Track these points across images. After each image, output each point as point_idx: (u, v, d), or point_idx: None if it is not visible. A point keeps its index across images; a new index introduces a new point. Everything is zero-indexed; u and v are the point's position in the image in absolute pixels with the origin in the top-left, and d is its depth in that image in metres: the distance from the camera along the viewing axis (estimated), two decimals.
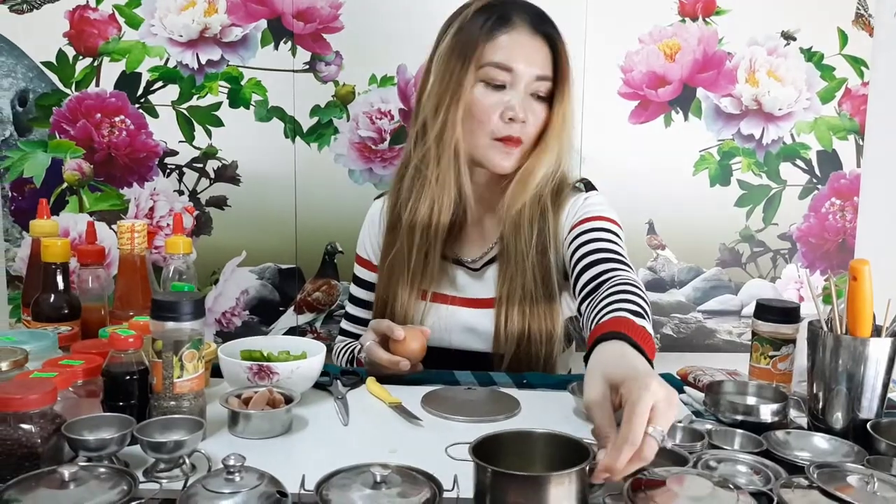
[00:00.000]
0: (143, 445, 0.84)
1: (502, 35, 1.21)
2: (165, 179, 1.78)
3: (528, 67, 1.22)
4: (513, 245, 1.26)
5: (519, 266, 1.26)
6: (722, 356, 1.83)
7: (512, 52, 1.21)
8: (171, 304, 0.94)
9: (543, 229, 1.26)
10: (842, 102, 1.83)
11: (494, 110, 1.22)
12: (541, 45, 1.23)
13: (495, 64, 1.21)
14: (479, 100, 1.22)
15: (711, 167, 1.84)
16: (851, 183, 1.86)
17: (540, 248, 1.26)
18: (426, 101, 1.26)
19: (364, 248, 1.43)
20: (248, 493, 0.72)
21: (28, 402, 0.82)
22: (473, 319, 1.31)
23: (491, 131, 1.23)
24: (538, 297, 1.26)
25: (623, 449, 0.71)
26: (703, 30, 1.79)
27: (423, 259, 1.29)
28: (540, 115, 1.24)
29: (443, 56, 1.24)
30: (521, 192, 1.25)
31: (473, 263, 1.33)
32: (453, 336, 1.32)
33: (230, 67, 1.75)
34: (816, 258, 1.89)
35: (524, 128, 1.23)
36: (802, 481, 0.80)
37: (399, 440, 0.97)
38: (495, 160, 1.24)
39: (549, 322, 1.27)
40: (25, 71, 1.72)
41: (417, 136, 1.28)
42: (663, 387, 0.75)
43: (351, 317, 1.46)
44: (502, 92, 1.22)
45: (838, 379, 0.97)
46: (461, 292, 1.32)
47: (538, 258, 1.26)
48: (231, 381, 1.08)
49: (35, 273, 1.24)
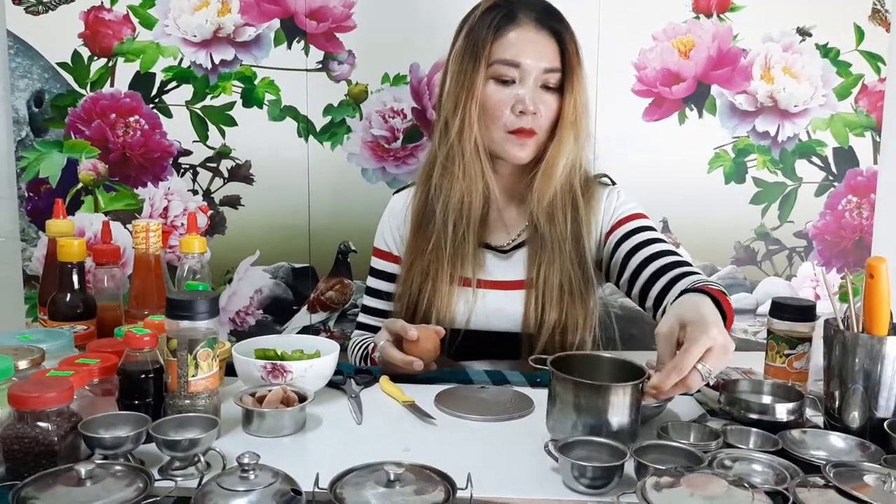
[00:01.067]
0: (159, 443, 0.85)
1: (509, 32, 1.27)
2: (179, 179, 1.79)
3: (536, 62, 1.27)
4: (548, 234, 1.32)
5: (556, 252, 1.31)
6: (737, 355, 1.80)
7: (519, 48, 1.27)
8: (186, 304, 0.95)
9: (577, 218, 1.32)
10: (858, 99, 1.81)
11: (506, 105, 1.28)
12: (547, 39, 1.28)
13: (503, 61, 1.27)
14: (491, 96, 1.28)
15: (726, 165, 1.83)
16: (868, 180, 1.84)
17: (574, 236, 1.32)
18: (446, 101, 1.32)
19: (384, 241, 1.45)
20: (262, 490, 0.72)
21: (45, 401, 0.83)
22: (503, 301, 1.34)
23: (504, 125, 1.29)
24: (576, 285, 1.31)
25: (671, 374, 0.88)
26: (718, 26, 1.78)
27: (461, 246, 1.33)
28: (552, 105, 1.29)
29: (456, 56, 1.31)
30: (548, 183, 1.31)
31: (502, 247, 1.38)
32: (484, 318, 1.35)
33: (243, 67, 1.75)
34: (833, 256, 1.87)
35: (536, 119, 1.28)
36: (818, 480, 0.79)
37: (412, 439, 0.97)
38: (511, 152, 1.30)
39: (584, 310, 1.32)
40: (41, 72, 1.74)
41: (441, 134, 1.34)
42: (722, 334, 0.90)
43: (369, 309, 1.47)
44: (512, 87, 1.28)
45: (855, 378, 0.96)
46: (490, 275, 1.36)
47: (573, 245, 1.32)
48: (245, 379, 1.08)
49: (51, 272, 1.25)
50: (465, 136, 1.30)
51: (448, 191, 1.33)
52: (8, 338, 1.07)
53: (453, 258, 1.34)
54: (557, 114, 1.30)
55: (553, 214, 1.32)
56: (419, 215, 1.39)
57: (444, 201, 1.33)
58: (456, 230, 1.33)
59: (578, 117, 1.30)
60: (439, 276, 1.34)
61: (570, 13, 1.31)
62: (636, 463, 0.82)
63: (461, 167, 1.31)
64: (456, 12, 1.38)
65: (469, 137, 1.30)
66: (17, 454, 0.82)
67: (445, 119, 1.33)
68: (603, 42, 1.49)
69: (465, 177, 1.32)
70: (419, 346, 1.18)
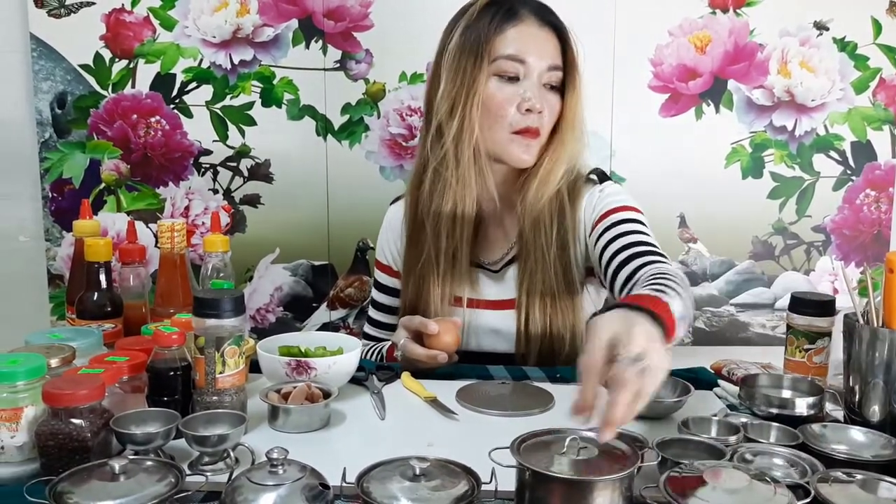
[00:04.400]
0: (189, 439, 0.87)
1: (511, 28, 1.22)
2: (200, 178, 1.81)
3: (540, 58, 1.22)
4: (532, 242, 1.26)
5: (539, 262, 1.26)
6: (755, 349, 1.82)
7: (523, 44, 1.22)
8: (212, 302, 0.96)
9: (563, 224, 1.27)
10: (876, 92, 1.80)
11: (511, 102, 1.22)
12: (549, 36, 1.24)
13: (508, 56, 1.21)
14: (495, 93, 1.22)
15: (743, 159, 1.83)
16: (886, 174, 1.84)
17: (560, 243, 1.26)
18: (439, 104, 1.25)
19: (384, 254, 1.43)
20: (291, 485, 0.74)
21: (78, 398, 0.85)
22: (497, 321, 1.31)
23: (509, 124, 1.23)
24: (560, 293, 1.27)
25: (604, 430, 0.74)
26: (734, 21, 1.77)
27: (452, 262, 1.29)
28: (554, 105, 1.25)
29: (452, 55, 1.24)
30: (544, 190, 1.25)
31: (493, 265, 1.33)
32: (478, 339, 1.32)
33: (262, 67, 1.77)
34: (851, 250, 1.87)
35: (541, 118, 1.23)
36: (840, 475, 0.80)
37: (435, 434, 0.98)
38: (515, 154, 1.24)
39: (571, 316, 1.27)
40: (63, 74, 1.76)
41: (433, 140, 1.27)
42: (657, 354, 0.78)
43: (374, 321, 1.46)
44: (517, 84, 1.22)
45: (875, 372, 0.96)
46: (483, 295, 1.32)
47: (558, 253, 1.26)
48: (270, 376, 1.10)
49: (79, 272, 1.27)
50: (464, 139, 1.23)
51: (440, 199, 1.26)
52: (39, 336, 1.09)
53: (445, 276, 1.29)
54: (559, 114, 1.25)
55: (539, 221, 1.26)
56: (410, 227, 1.34)
57: (434, 211, 1.27)
58: (448, 246, 1.28)
59: (578, 119, 1.26)
60: (431, 294, 1.29)
61: (586, 10, 1.32)
62: (658, 457, 0.83)
63: (455, 173, 1.25)
64: None
65: (468, 140, 1.23)
66: (52, 450, 0.84)
67: (439, 123, 1.25)
68: (619, 38, 1.50)
69: (458, 183, 1.25)
70: (440, 339, 1.19)
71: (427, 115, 1.30)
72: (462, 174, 1.25)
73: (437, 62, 1.28)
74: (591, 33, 1.74)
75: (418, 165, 1.33)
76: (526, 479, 0.73)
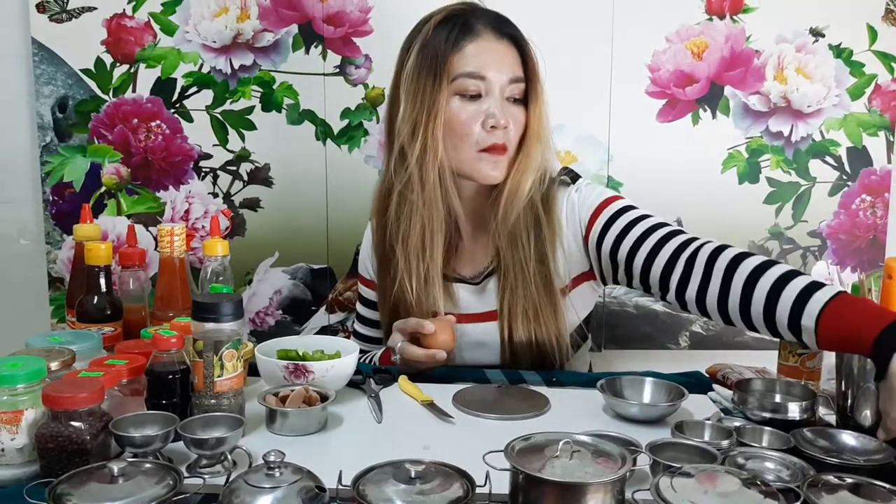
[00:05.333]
0: (187, 442, 0.88)
1: (468, 44, 1.20)
2: (200, 182, 1.82)
3: (500, 73, 1.20)
4: (510, 257, 1.25)
5: (519, 278, 1.24)
6: (752, 353, 1.82)
7: (481, 59, 1.20)
8: (211, 306, 0.97)
9: (540, 236, 1.25)
10: (872, 99, 1.82)
11: (475, 121, 1.20)
12: (508, 48, 1.22)
13: (467, 74, 1.20)
14: (457, 113, 1.21)
15: (740, 165, 1.84)
16: (882, 179, 1.85)
17: (538, 256, 1.25)
18: (401, 126, 1.23)
19: (367, 269, 1.42)
20: (288, 487, 0.75)
21: (78, 401, 0.86)
22: (480, 334, 1.30)
23: (475, 143, 1.21)
24: (542, 305, 1.25)
25: None
26: (731, 28, 1.79)
27: (425, 284, 1.27)
28: (519, 118, 1.23)
29: (410, 76, 1.21)
30: (514, 203, 1.24)
31: (474, 279, 1.32)
32: (463, 353, 1.31)
33: (262, 72, 1.78)
34: (847, 255, 1.88)
35: (507, 133, 1.21)
36: (831, 479, 0.80)
37: (432, 437, 0.99)
38: (483, 171, 1.22)
39: (554, 326, 1.26)
40: (65, 78, 1.77)
41: (396, 163, 1.25)
42: None
43: (360, 335, 1.47)
44: (479, 101, 1.21)
45: (866, 377, 0.97)
46: (465, 309, 1.31)
47: (538, 267, 1.25)
48: (268, 379, 1.11)
49: (79, 276, 1.28)
50: (428, 160, 1.21)
51: (407, 223, 1.24)
52: (39, 340, 1.10)
53: (419, 298, 1.27)
54: (524, 126, 1.24)
55: (516, 236, 1.24)
56: (380, 253, 1.33)
57: (403, 235, 1.25)
58: (419, 269, 1.25)
59: (543, 129, 1.24)
60: (410, 314, 1.26)
61: (584, 16, 1.32)
62: (651, 460, 0.84)
63: (421, 196, 1.22)
64: None
65: (432, 161, 1.21)
66: (52, 452, 0.85)
67: (402, 146, 1.23)
68: (616, 44, 1.51)
69: (425, 205, 1.22)
70: (437, 338, 1.20)
71: (389, 138, 1.28)
72: (428, 196, 1.23)
73: (395, 83, 1.25)
74: (589, 40, 1.76)
75: (382, 190, 1.31)
76: (519, 482, 0.74)
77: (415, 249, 1.25)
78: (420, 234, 1.24)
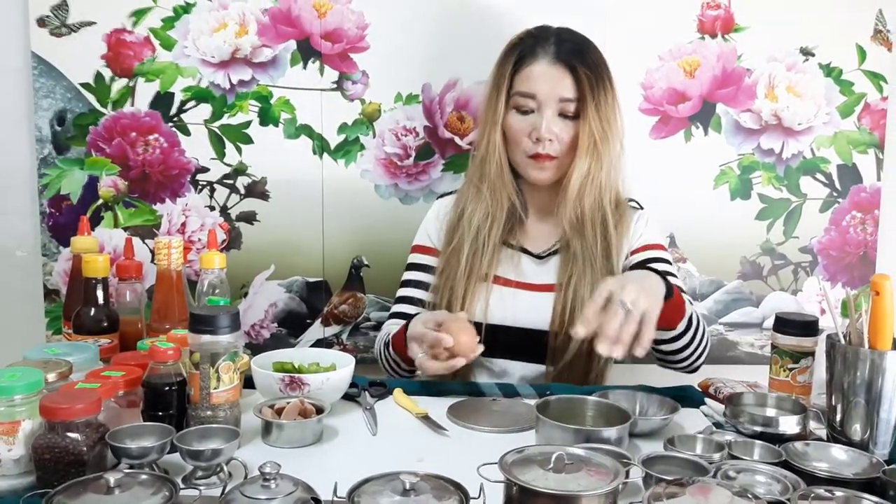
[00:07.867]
0: (183, 453, 0.88)
1: (526, 67, 1.39)
2: (197, 195, 1.83)
3: (551, 93, 1.37)
4: (579, 248, 1.41)
5: (588, 267, 1.39)
6: (744, 368, 1.84)
7: (535, 81, 1.38)
8: (208, 318, 0.98)
9: (607, 236, 1.41)
10: (861, 117, 1.84)
11: (524, 132, 1.39)
12: (562, 72, 1.38)
13: (521, 93, 1.39)
14: (512, 124, 1.40)
15: (732, 181, 1.86)
16: (872, 196, 1.87)
17: (605, 252, 1.40)
18: (478, 128, 1.47)
19: (427, 237, 1.54)
20: (283, 499, 0.75)
21: (74, 412, 0.86)
22: (535, 301, 1.42)
23: (524, 150, 1.40)
24: None
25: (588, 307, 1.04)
26: (723, 46, 1.81)
27: (483, 248, 1.44)
28: (569, 131, 1.38)
29: (486, 88, 1.45)
30: (566, 201, 1.40)
31: (538, 254, 1.47)
32: (516, 315, 1.43)
33: (260, 87, 1.79)
34: (838, 271, 1.89)
35: (552, 145, 1.38)
36: (821, 492, 0.82)
37: (426, 449, 1.00)
38: (531, 174, 1.42)
39: None
40: (64, 92, 1.78)
41: (473, 158, 1.49)
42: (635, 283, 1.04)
43: (405, 298, 1.52)
44: (530, 116, 1.39)
45: (856, 391, 0.99)
46: (525, 278, 1.45)
47: (604, 261, 1.40)
48: (264, 391, 1.12)
49: (76, 288, 1.29)
50: (491, 159, 1.42)
51: (474, 208, 1.44)
52: (36, 351, 1.10)
53: (478, 258, 1.43)
54: (575, 138, 1.38)
55: (583, 230, 1.40)
56: (450, 223, 1.49)
57: (469, 216, 1.45)
58: (478, 236, 1.43)
59: (597, 142, 1.38)
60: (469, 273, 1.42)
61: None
62: (643, 473, 0.85)
63: (489, 187, 1.43)
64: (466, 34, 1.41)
65: (493, 160, 1.42)
66: (48, 463, 0.86)
67: (477, 143, 1.46)
68: (610, 62, 1.52)
69: (491, 196, 1.43)
70: (458, 341, 1.17)
71: None
72: (493, 187, 1.43)
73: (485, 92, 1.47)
74: None
75: (466, 179, 1.53)
76: (513, 494, 0.75)
77: (477, 225, 1.44)
78: (483, 218, 1.44)
